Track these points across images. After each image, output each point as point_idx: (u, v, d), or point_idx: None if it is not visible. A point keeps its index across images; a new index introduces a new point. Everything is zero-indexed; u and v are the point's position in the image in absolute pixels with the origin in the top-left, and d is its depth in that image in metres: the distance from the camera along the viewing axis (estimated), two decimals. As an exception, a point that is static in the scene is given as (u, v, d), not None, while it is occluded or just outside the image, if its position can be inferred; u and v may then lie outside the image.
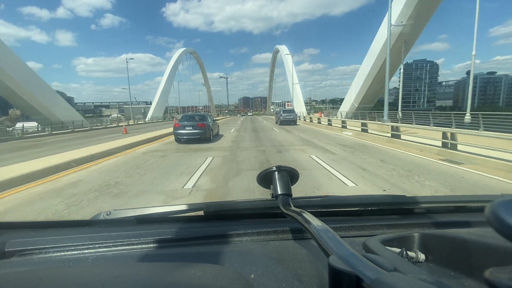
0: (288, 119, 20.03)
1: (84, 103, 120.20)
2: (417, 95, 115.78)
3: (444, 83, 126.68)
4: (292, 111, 22.42)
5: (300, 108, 45.41)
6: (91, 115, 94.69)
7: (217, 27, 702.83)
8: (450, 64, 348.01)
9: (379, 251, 0.48)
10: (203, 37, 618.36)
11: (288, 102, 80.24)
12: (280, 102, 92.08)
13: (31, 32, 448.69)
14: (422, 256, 0.51)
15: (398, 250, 0.51)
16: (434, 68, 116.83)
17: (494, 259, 0.39)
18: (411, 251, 0.51)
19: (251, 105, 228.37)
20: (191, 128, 9.28)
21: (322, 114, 28.17)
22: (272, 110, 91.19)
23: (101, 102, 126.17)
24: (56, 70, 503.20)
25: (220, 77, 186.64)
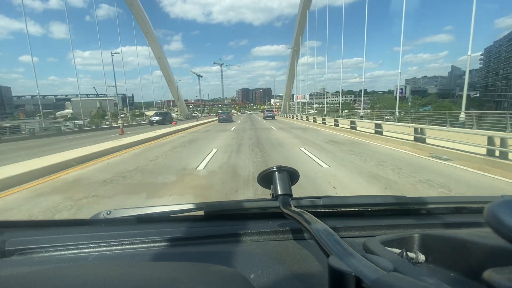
0: (269, 116, 33.75)
1: (44, 95, 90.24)
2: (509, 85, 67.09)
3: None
4: (272, 110, 40.57)
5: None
6: (51, 110, 74.89)
7: (215, 18, 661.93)
8: (454, 57, 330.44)
9: (379, 251, 0.48)
10: (201, 28, 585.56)
11: (298, 95, 61.40)
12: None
13: (24, 24, 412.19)
14: (422, 257, 0.50)
15: (398, 251, 0.51)
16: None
17: (494, 260, 0.39)
18: (411, 252, 0.51)
19: (251, 98, 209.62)
20: (225, 116, 27.44)
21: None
22: (291, 105, 57.95)
23: (65, 95, 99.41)
24: (52, 63, 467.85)
25: (214, 63, 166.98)
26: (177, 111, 60.12)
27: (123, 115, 39.74)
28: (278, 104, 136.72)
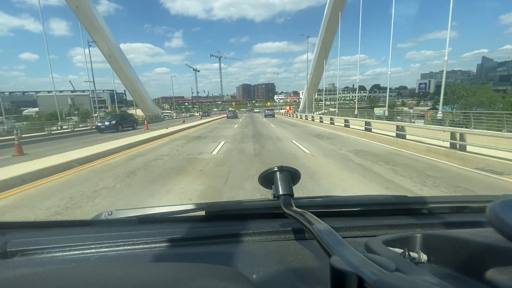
0: (269, 114, 36.66)
1: (11, 92, 76.63)
2: None
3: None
4: (272, 109, 45.36)
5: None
6: (29, 108, 65.91)
7: (216, 15, 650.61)
8: (458, 53, 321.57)
9: (381, 251, 0.48)
10: (202, 25, 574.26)
11: (301, 91, 53.40)
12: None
13: (24, 21, 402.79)
14: (424, 257, 0.50)
15: (400, 250, 0.51)
16: None
17: (496, 260, 0.39)
18: (413, 251, 0.51)
19: (252, 94, 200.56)
20: (232, 114, 35.15)
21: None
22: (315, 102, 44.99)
23: (48, 91, 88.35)
24: (53, 61, 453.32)
25: (211, 55, 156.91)
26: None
27: (96, 114, 30.83)
28: (283, 101, 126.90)
